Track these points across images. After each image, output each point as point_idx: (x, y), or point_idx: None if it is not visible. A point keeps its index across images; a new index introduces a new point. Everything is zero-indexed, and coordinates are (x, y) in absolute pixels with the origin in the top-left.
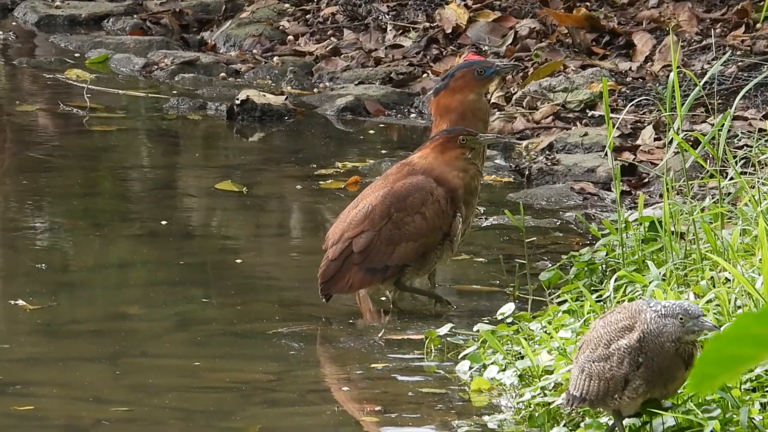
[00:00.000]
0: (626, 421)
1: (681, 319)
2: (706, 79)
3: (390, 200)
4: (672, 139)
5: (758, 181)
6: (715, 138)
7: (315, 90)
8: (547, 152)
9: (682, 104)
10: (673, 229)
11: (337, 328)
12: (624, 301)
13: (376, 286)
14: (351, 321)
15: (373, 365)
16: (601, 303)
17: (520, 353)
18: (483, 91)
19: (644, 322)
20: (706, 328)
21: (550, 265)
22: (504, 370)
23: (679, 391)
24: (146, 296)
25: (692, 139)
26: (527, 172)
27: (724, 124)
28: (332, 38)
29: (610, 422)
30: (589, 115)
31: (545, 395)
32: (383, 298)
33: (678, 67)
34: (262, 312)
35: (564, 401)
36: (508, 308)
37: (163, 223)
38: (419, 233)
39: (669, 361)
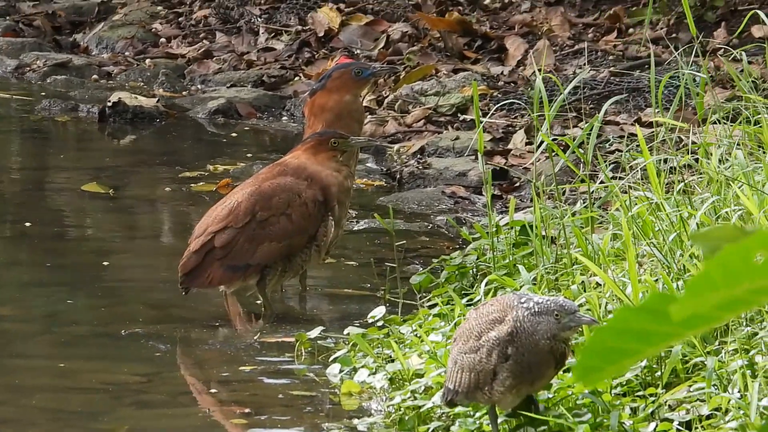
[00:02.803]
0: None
1: (556, 315)
2: (573, 84)
3: (255, 198)
4: (540, 142)
5: (628, 186)
6: (585, 142)
7: (186, 93)
8: (418, 156)
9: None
10: (543, 233)
11: (205, 330)
12: None
13: (237, 284)
14: (219, 324)
15: (241, 368)
16: (472, 307)
17: (390, 356)
18: (359, 93)
19: (516, 319)
20: (583, 323)
21: (420, 268)
22: (374, 373)
23: (550, 394)
24: (15, 297)
25: (563, 143)
26: (398, 176)
27: (592, 128)
28: (204, 41)
29: (482, 426)
30: (460, 119)
31: (415, 398)
32: (258, 302)
33: (549, 71)
34: (130, 313)
35: (441, 394)
36: (379, 311)
37: (28, 224)
38: (283, 234)
39: (540, 358)
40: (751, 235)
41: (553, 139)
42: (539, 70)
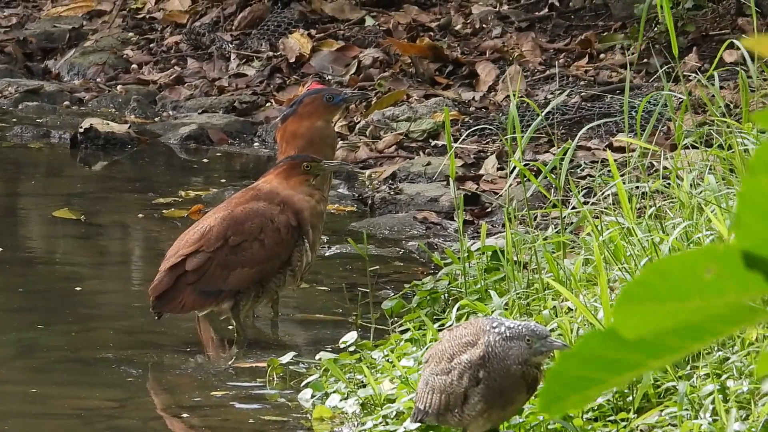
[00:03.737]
0: None
1: (528, 340)
2: (548, 109)
3: (228, 223)
4: (513, 168)
5: (600, 211)
6: (558, 168)
7: (158, 119)
8: (390, 181)
9: (524, 134)
10: (515, 258)
11: (177, 355)
12: None
13: (209, 309)
14: (191, 349)
15: (213, 393)
16: (444, 331)
17: (362, 382)
18: (331, 118)
19: (488, 344)
20: (555, 348)
21: (392, 294)
22: (346, 398)
23: (521, 419)
24: None
25: (535, 168)
26: (370, 202)
27: (565, 153)
28: (176, 67)
29: None
30: (432, 144)
31: (387, 424)
32: (230, 327)
33: (521, 97)
34: (102, 339)
35: (412, 414)
36: (351, 337)
37: (0, 249)
38: (256, 259)
39: (512, 383)
40: (700, 249)
41: (525, 165)
42: (513, 95)
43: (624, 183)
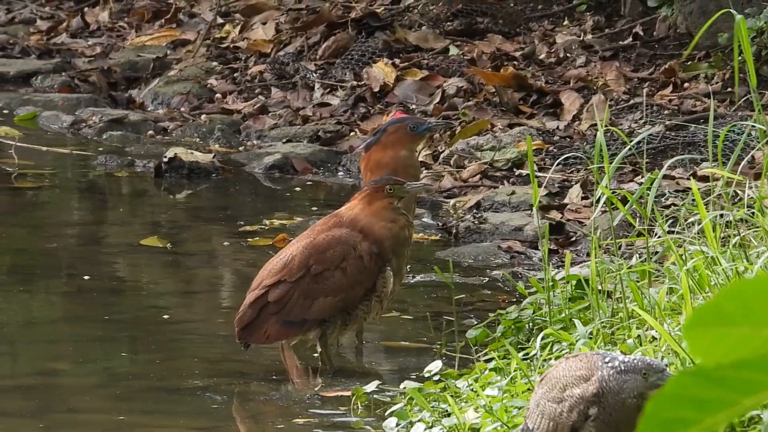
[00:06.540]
0: None
1: (644, 374)
2: (638, 140)
3: (310, 251)
4: (599, 196)
5: (685, 240)
6: (643, 196)
7: (242, 148)
8: (474, 211)
9: (610, 162)
10: (600, 287)
11: (261, 383)
12: (550, 359)
13: (295, 339)
14: (275, 377)
15: (296, 420)
16: (528, 361)
17: (446, 411)
18: (415, 147)
19: (602, 379)
20: None
21: (477, 322)
22: (431, 427)
23: None
24: (72, 352)
25: (620, 197)
26: (455, 231)
27: (652, 183)
28: (260, 96)
29: None
30: (516, 173)
31: None
32: (315, 355)
33: (606, 126)
34: (187, 368)
35: (520, 429)
36: (435, 366)
37: (86, 278)
38: (338, 288)
39: (627, 416)
40: None
41: (612, 194)
42: (599, 125)
43: (708, 212)
